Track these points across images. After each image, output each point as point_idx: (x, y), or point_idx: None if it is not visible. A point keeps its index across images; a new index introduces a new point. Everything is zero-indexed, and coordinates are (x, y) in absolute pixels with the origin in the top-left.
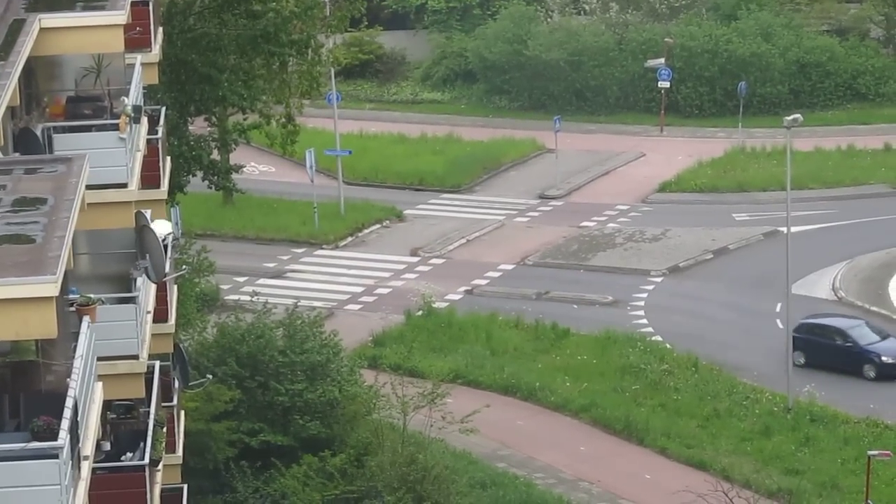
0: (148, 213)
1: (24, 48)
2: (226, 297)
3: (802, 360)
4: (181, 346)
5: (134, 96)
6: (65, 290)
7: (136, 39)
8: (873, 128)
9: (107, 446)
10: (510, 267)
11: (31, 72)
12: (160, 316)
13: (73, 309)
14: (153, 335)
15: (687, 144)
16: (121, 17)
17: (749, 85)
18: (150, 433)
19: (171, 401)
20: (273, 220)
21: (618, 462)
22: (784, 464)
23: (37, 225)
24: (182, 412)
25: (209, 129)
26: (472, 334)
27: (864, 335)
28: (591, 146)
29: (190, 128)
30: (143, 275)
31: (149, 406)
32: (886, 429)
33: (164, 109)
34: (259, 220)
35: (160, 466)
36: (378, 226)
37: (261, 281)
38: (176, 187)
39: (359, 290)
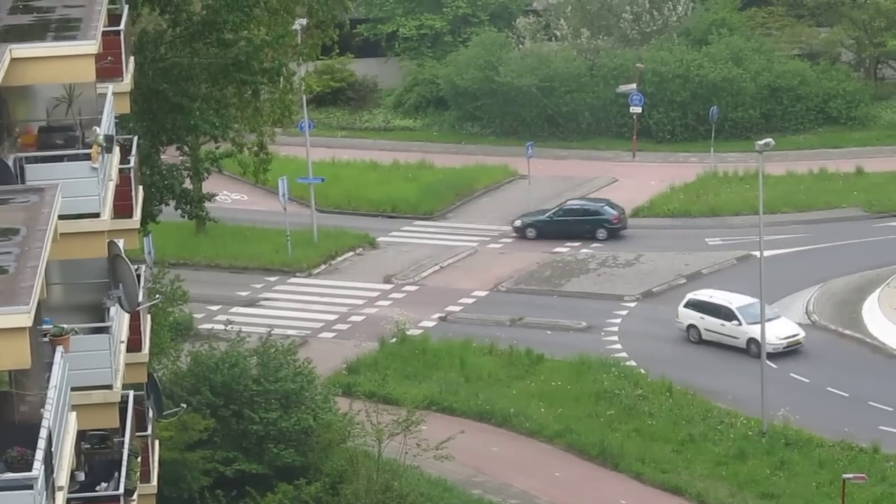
0: (121, 243)
1: None
2: (199, 326)
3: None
4: (155, 375)
5: (106, 126)
6: (38, 320)
7: (107, 69)
8: (845, 151)
9: (81, 476)
10: (484, 293)
11: (3, 102)
12: (134, 345)
13: (46, 339)
14: (127, 365)
15: (659, 169)
16: (92, 46)
17: (721, 109)
18: (124, 463)
19: (146, 430)
20: (246, 249)
21: (593, 488)
22: (759, 488)
23: (9, 255)
24: (156, 441)
25: (181, 158)
26: (446, 361)
27: None
28: (563, 172)
29: (162, 157)
30: (117, 304)
31: (123, 436)
32: (861, 452)
33: (136, 139)
34: (232, 248)
35: (135, 496)
36: (351, 253)
37: (234, 309)
38: (148, 216)
39: (332, 317)
